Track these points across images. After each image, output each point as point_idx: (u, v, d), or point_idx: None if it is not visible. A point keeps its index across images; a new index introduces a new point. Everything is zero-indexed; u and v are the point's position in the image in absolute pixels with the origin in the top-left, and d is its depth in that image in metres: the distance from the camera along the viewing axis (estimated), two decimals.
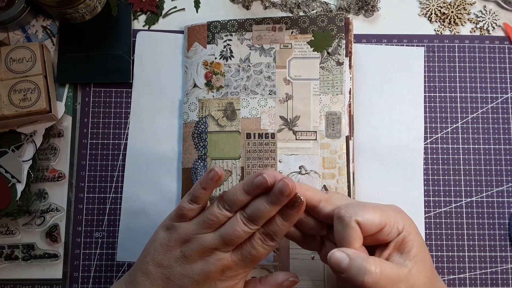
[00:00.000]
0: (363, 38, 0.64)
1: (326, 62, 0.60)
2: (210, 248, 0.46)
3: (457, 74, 0.64)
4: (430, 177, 0.62)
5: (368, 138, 0.62)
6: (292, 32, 0.61)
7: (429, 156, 0.62)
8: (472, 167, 0.62)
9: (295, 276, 0.50)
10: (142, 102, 0.63)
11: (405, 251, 0.44)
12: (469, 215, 0.61)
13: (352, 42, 0.60)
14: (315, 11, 0.65)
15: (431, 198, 0.61)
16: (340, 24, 0.60)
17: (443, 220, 0.61)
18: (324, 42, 0.60)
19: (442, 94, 0.63)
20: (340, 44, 0.60)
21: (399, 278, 0.43)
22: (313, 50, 0.60)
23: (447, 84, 0.63)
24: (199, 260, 0.47)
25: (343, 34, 0.60)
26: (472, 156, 0.62)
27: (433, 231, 0.61)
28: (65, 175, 0.62)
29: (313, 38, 0.60)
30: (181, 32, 0.64)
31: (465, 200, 0.61)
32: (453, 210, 0.61)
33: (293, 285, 0.50)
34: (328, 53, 0.60)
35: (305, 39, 0.61)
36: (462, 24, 0.65)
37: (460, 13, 0.65)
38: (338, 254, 0.44)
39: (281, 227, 0.46)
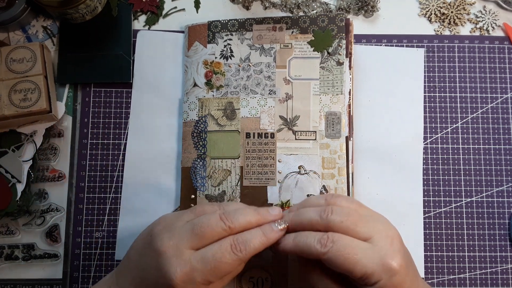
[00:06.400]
0: (363, 38, 0.64)
1: (327, 62, 0.60)
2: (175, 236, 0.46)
3: (457, 74, 0.64)
4: (430, 177, 0.62)
5: (368, 138, 0.62)
6: (292, 32, 0.61)
7: (429, 156, 0.62)
8: (472, 167, 0.62)
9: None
10: (142, 102, 0.63)
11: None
12: (469, 215, 0.61)
13: (352, 43, 0.60)
14: (315, 11, 0.65)
15: (431, 198, 0.61)
16: (341, 24, 0.60)
17: (443, 220, 0.61)
18: (324, 42, 0.60)
19: (442, 94, 0.63)
20: (341, 44, 0.60)
21: None
22: (313, 50, 0.60)
23: (447, 84, 0.63)
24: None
25: (343, 34, 0.60)
26: (472, 156, 0.62)
27: (433, 231, 0.61)
28: (65, 175, 0.62)
29: (313, 38, 0.60)
30: (181, 31, 0.64)
31: (465, 200, 0.61)
32: (453, 210, 0.61)
33: None
34: (328, 53, 0.60)
35: (305, 39, 0.61)
36: (462, 24, 0.65)
37: (460, 13, 0.65)
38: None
39: (257, 238, 0.45)
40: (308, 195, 0.58)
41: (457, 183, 0.62)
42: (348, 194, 0.58)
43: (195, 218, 0.47)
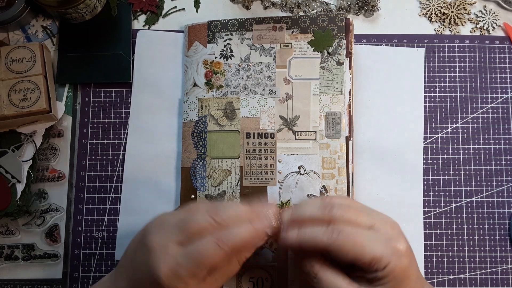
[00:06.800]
0: (363, 38, 0.64)
1: (327, 62, 0.60)
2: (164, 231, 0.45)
3: (457, 74, 0.64)
4: (430, 177, 0.62)
5: (368, 138, 0.62)
6: (292, 32, 0.61)
7: (429, 156, 0.62)
8: (472, 167, 0.62)
9: None
10: (142, 102, 0.63)
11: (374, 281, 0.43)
12: (469, 215, 0.61)
13: (353, 43, 0.60)
14: (315, 11, 0.65)
15: (431, 198, 0.61)
16: (341, 24, 0.60)
17: (443, 220, 0.61)
18: (324, 42, 0.60)
19: (442, 94, 0.63)
20: (341, 44, 0.60)
21: None
22: (314, 50, 0.60)
23: (447, 84, 0.63)
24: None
25: (343, 34, 0.60)
26: (472, 156, 0.62)
27: (433, 231, 0.60)
28: (65, 175, 0.62)
29: (313, 38, 0.60)
30: (181, 31, 0.64)
31: (465, 200, 0.61)
32: (453, 210, 0.61)
33: None
34: (328, 53, 0.60)
35: (305, 39, 0.60)
36: (462, 24, 0.65)
37: (460, 13, 0.65)
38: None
39: (244, 228, 0.44)
40: (308, 195, 0.58)
41: (457, 183, 0.62)
42: (348, 194, 0.58)
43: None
